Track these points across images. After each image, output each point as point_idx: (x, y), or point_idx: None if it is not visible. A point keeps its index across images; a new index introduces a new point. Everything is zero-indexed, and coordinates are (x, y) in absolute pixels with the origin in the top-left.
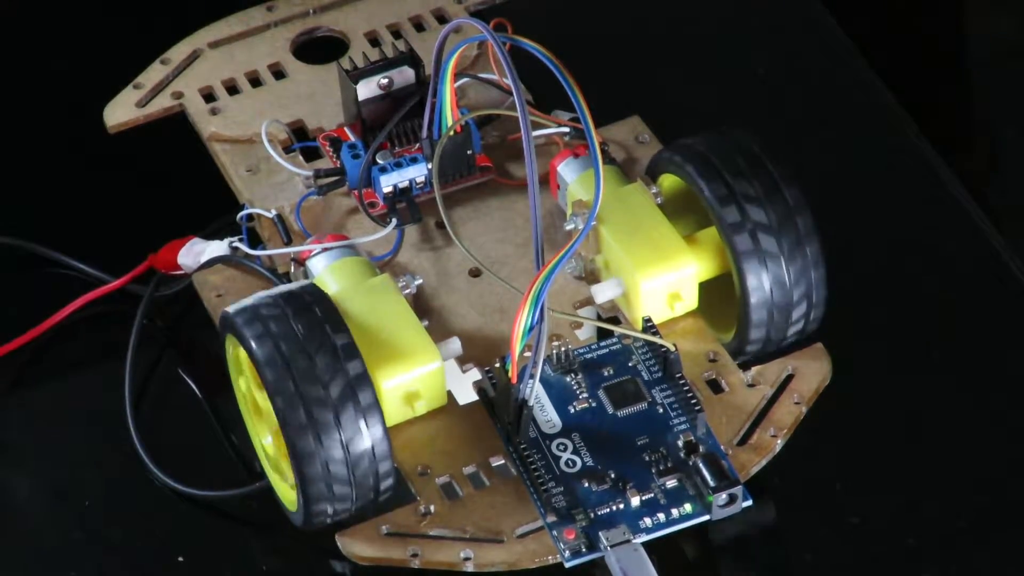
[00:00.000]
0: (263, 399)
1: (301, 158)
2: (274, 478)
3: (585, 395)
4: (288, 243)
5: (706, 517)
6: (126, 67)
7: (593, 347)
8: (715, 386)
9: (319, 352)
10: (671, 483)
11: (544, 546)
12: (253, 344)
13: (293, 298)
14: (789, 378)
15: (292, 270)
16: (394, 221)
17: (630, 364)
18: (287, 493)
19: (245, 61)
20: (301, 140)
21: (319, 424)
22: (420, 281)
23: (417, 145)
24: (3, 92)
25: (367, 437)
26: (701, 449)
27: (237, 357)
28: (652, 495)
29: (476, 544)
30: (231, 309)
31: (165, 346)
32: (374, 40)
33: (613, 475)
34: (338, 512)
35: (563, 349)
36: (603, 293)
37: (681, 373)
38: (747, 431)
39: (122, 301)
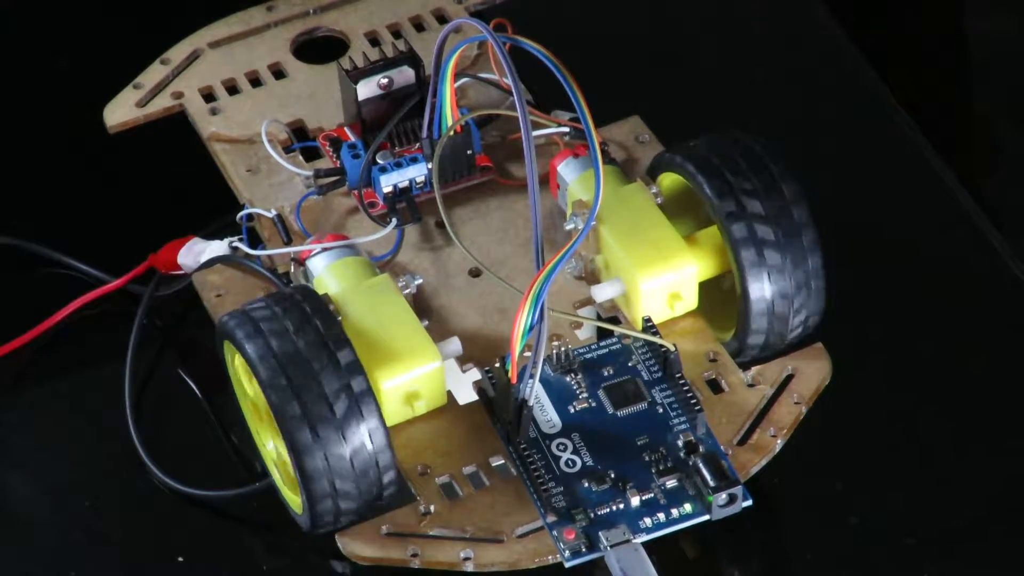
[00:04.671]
0: (264, 404)
1: (301, 158)
2: (279, 481)
3: (585, 395)
4: (288, 243)
5: (706, 517)
6: (126, 67)
7: (593, 347)
8: (715, 386)
9: (318, 359)
10: (671, 483)
11: (544, 546)
12: (252, 355)
13: (287, 301)
14: (789, 378)
15: (292, 270)
16: (394, 221)
17: (630, 364)
18: (293, 497)
19: (245, 61)
20: (301, 140)
21: (323, 439)
22: (420, 281)
23: (417, 145)
24: (3, 92)
25: (369, 443)
26: (701, 449)
27: (236, 363)
28: (652, 495)
29: (476, 544)
30: (227, 318)
31: (165, 346)
32: (374, 40)
33: (613, 475)
34: (342, 516)
35: (563, 349)
36: (603, 293)
37: (681, 373)
38: (747, 431)
39: (122, 301)
